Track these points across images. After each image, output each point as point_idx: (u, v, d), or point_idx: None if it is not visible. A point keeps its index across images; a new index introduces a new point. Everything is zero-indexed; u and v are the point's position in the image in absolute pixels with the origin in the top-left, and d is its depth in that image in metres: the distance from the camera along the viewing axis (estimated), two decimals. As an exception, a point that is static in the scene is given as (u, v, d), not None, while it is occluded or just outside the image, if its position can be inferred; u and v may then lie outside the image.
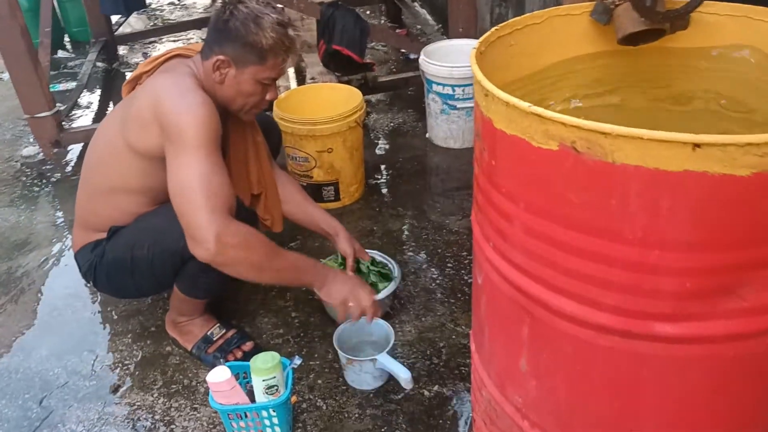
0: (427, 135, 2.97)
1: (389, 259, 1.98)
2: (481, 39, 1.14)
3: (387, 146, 2.92)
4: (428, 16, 4.57)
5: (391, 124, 3.12)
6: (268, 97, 1.63)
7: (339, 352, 1.65)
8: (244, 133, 1.79)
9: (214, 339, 1.82)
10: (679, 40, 1.27)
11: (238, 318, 1.97)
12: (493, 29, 1.18)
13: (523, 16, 1.23)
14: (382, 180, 2.67)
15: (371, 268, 1.93)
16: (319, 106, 2.44)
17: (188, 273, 1.64)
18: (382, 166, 2.76)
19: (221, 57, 1.53)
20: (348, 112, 2.30)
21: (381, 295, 1.82)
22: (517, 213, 1.00)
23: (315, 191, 2.43)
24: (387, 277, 1.92)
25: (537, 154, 0.91)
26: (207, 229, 1.37)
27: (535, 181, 0.94)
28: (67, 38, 4.63)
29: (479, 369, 1.31)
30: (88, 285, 2.07)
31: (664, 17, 1.19)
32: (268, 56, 1.54)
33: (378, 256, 1.99)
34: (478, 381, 1.33)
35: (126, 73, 4.09)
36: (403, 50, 3.87)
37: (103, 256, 1.65)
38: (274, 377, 1.46)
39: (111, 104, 3.76)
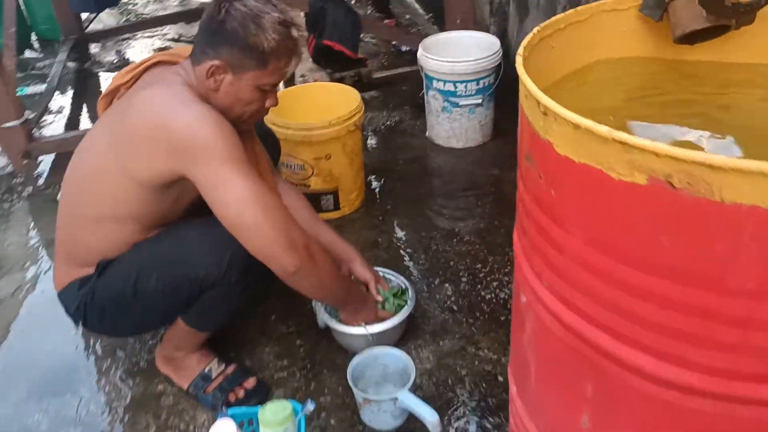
0: (426, 134, 2.79)
1: (400, 277, 1.81)
2: (524, 43, 0.98)
3: (385, 147, 2.74)
4: (417, 5, 4.37)
5: (388, 123, 2.94)
6: (267, 104, 1.45)
7: (354, 390, 1.48)
8: (243, 143, 1.60)
9: (213, 376, 1.64)
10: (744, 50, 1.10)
11: (236, 348, 1.79)
12: (535, 30, 1.01)
13: (564, 14, 1.07)
14: (383, 185, 2.49)
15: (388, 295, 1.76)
16: (314, 108, 2.25)
17: (204, 304, 1.47)
18: (382, 170, 2.58)
19: (216, 62, 1.34)
20: (347, 115, 2.11)
21: (395, 321, 1.65)
22: (584, 253, 0.84)
23: (312, 201, 2.23)
24: (399, 296, 1.76)
25: (617, 189, 0.74)
26: (295, 236, 1.31)
27: (613, 220, 0.78)
28: (34, 37, 4.36)
29: (523, 418, 1.15)
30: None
31: (732, 12, 1.02)
32: (269, 60, 1.35)
33: (389, 274, 1.82)
34: (522, 430, 1.18)
35: (99, 74, 3.85)
36: (394, 42, 3.68)
37: (94, 294, 1.46)
38: (286, 429, 1.29)
39: (84, 108, 3.53)
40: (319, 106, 2.25)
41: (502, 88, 2.60)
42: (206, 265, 1.38)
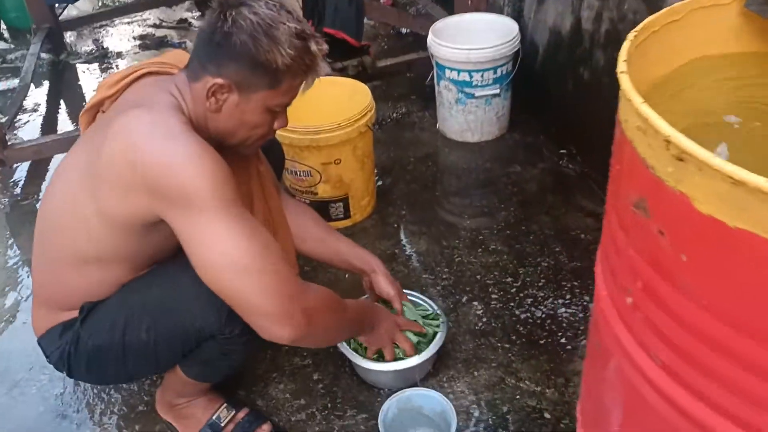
0: (437, 126, 2.58)
1: (428, 301, 1.61)
2: (622, 55, 0.76)
3: (394, 143, 2.53)
4: (414, -18, 4.11)
5: (394, 115, 2.72)
6: (276, 125, 1.23)
7: (388, 442, 1.30)
8: (246, 166, 1.38)
9: (222, 424, 1.45)
10: None
11: (246, 386, 1.59)
12: (631, 36, 0.80)
13: (658, 14, 0.85)
14: (395, 186, 2.28)
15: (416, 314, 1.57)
16: (320, 107, 2.02)
17: (203, 357, 1.28)
18: (392, 169, 2.37)
19: (219, 80, 1.11)
20: (357, 115, 1.89)
21: (427, 354, 1.46)
22: (719, 334, 0.65)
23: (321, 209, 2.04)
24: (429, 319, 1.57)
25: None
26: (289, 303, 1.09)
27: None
28: (3, 26, 4.05)
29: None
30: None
31: None
32: (283, 79, 1.13)
33: (415, 297, 1.62)
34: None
35: (76, 65, 3.58)
36: (393, 24, 3.44)
37: (79, 342, 1.25)
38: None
39: (63, 104, 3.27)
40: (325, 105, 2.02)
41: (517, 74, 2.39)
42: (203, 316, 1.18)
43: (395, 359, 1.47)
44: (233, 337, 1.22)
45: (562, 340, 1.63)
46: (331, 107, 1.99)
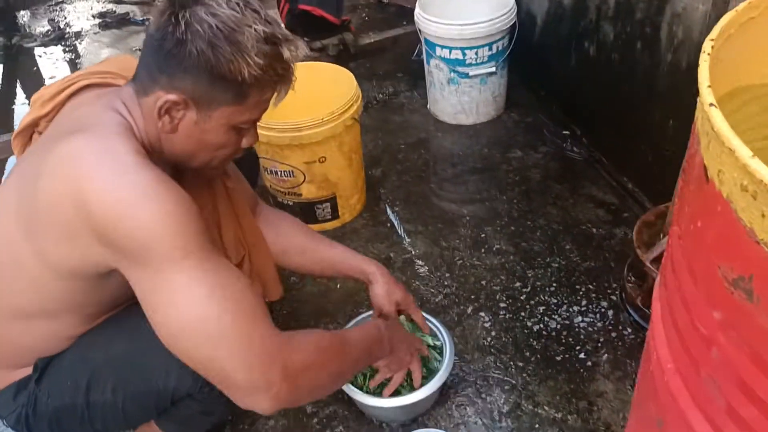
0: (428, 108, 2.37)
1: (432, 320, 1.44)
2: (704, 78, 0.58)
3: (382, 129, 2.32)
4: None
5: (380, 96, 2.50)
6: (244, 143, 1.03)
7: (397, 498, 1.14)
8: (211, 184, 1.18)
9: (207, 475, 1.29)
10: None
11: (231, 424, 1.42)
12: (708, 48, 0.61)
13: (732, 13, 0.66)
14: (386, 178, 2.09)
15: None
16: (298, 99, 1.81)
17: (181, 415, 1.12)
18: (382, 159, 2.17)
19: (172, 96, 0.90)
20: (342, 108, 1.69)
21: (435, 386, 1.30)
22: None
23: (306, 211, 1.85)
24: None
25: None
26: (267, 369, 0.89)
27: None
28: (-50, 6, 3.73)
29: None
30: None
31: None
32: (249, 92, 0.93)
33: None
34: None
35: (34, 50, 3.29)
36: (373, -8, 3.19)
37: (36, 404, 1.07)
38: None
39: (18, 91, 3.00)
40: (304, 96, 1.80)
41: (514, 49, 2.18)
42: (177, 374, 1.01)
43: (396, 392, 1.30)
44: (213, 396, 1.05)
45: (581, 356, 1.47)
46: (312, 99, 1.77)
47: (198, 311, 0.85)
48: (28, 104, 2.89)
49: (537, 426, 1.35)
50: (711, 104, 0.54)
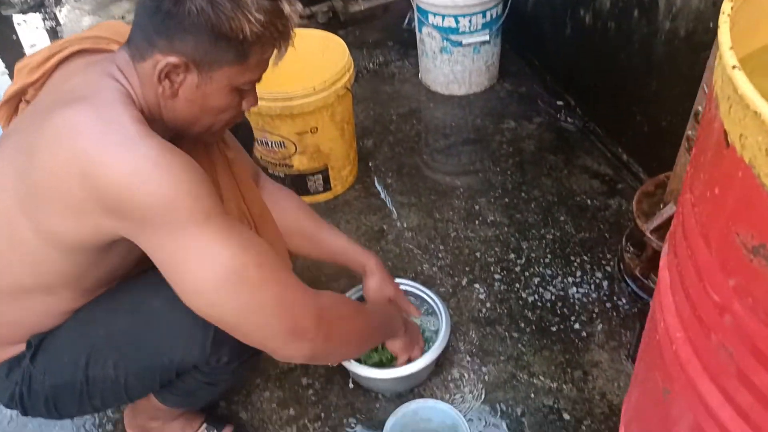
0: (420, 77, 2.33)
1: (424, 290, 1.43)
2: (725, 40, 0.56)
3: (373, 99, 2.28)
4: None
5: (371, 66, 2.45)
6: (245, 106, 1.00)
7: (396, 469, 1.14)
8: (209, 153, 1.15)
9: (203, 448, 1.28)
10: None
11: (227, 397, 1.41)
12: (726, 2, 0.59)
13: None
14: (377, 150, 2.06)
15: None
16: (289, 67, 1.76)
17: (185, 388, 1.10)
18: (373, 130, 2.14)
19: (172, 59, 0.87)
20: (334, 77, 1.65)
21: (432, 356, 1.29)
22: None
23: (298, 183, 1.82)
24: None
25: None
26: (301, 316, 0.93)
27: None
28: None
29: None
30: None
31: None
32: (251, 51, 0.90)
33: (409, 287, 1.44)
34: None
35: (10, 17, 3.18)
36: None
37: (31, 382, 1.05)
38: None
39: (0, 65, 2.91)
40: (295, 65, 1.76)
41: (507, 18, 2.14)
42: (183, 346, 0.98)
43: (384, 362, 1.30)
44: (220, 366, 1.04)
45: (576, 326, 1.47)
46: (303, 67, 1.73)
47: (226, 265, 0.85)
48: (9, 74, 2.82)
49: (533, 396, 1.35)
50: (734, 67, 0.52)
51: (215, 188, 1.17)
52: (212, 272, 0.84)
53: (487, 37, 2.10)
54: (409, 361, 1.28)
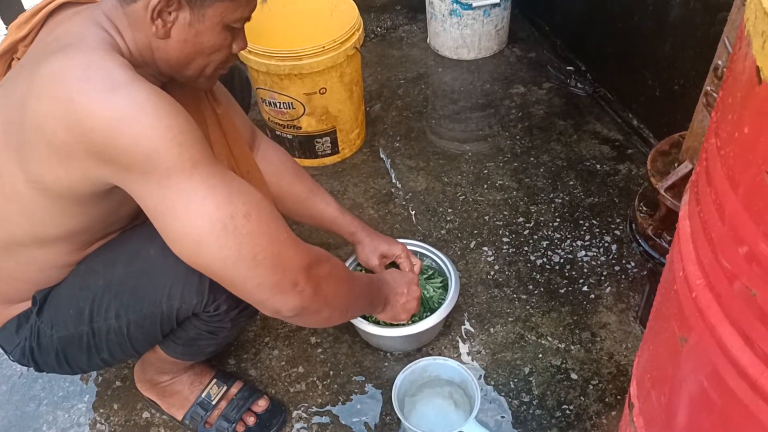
0: (428, 42, 2.31)
1: (434, 250, 1.43)
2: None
3: (381, 63, 2.26)
4: None
5: (378, 30, 2.42)
6: (235, 48, 0.99)
7: (404, 423, 1.15)
8: (198, 107, 1.13)
9: (214, 402, 1.29)
10: None
11: (236, 354, 1.42)
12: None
13: None
14: (385, 114, 2.04)
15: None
16: (298, 26, 1.75)
17: (186, 337, 1.11)
18: (381, 94, 2.12)
19: None
20: (344, 36, 1.63)
21: (440, 316, 1.30)
22: None
23: (306, 145, 1.81)
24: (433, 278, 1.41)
25: None
26: (290, 268, 0.91)
27: None
28: None
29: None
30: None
31: None
32: None
33: (419, 248, 1.44)
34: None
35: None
36: None
37: (40, 336, 1.05)
38: None
39: (-1, 24, 2.88)
40: (304, 24, 1.75)
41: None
42: (181, 294, 0.98)
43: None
44: (219, 314, 1.04)
45: (585, 288, 1.48)
46: (312, 26, 1.71)
47: (213, 211, 0.83)
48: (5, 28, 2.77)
49: (540, 356, 1.36)
50: (769, -2, 0.50)
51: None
52: (198, 221, 0.83)
53: (497, 0, 2.07)
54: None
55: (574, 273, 1.51)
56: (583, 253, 1.55)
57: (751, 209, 0.57)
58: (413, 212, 1.70)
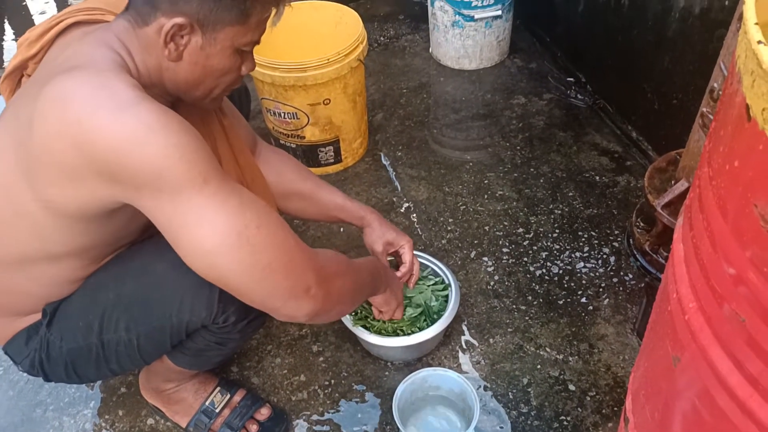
0: (430, 51, 2.33)
1: (434, 261, 1.45)
2: (751, 15, 0.57)
3: (383, 72, 2.28)
4: None
5: (381, 39, 2.45)
6: (244, 70, 1.01)
7: (405, 433, 1.18)
8: (207, 122, 1.16)
9: (217, 410, 1.31)
10: None
11: (239, 362, 1.45)
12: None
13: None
14: (387, 123, 2.07)
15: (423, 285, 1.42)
16: (302, 38, 1.78)
17: (194, 348, 1.13)
18: (384, 103, 2.14)
19: (179, 20, 0.88)
20: (348, 48, 1.65)
21: (441, 326, 1.32)
22: None
23: (309, 154, 1.84)
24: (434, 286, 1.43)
25: None
26: (302, 275, 0.93)
27: None
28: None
29: None
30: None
31: None
32: (253, 10, 0.91)
33: (421, 258, 1.46)
34: None
35: (18, -17, 3.17)
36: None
37: (50, 348, 1.08)
38: None
39: (5, 29, 2.90)
40: (308, 36, 1.78)
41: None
42: (191, 307, 1.01)
43: (398, 332, 1.33)
44: (228, 325, 1.06)
45: (583, 300, 1.50)
46: (317, 38, 1.74)
47: (225, 225, 0.85)
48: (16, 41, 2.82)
49: (539, 367, 1.38)
50: (759, 42, 0.53)
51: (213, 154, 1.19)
52: (211, 234, 0.85)
53: (499, 12, 2.09)
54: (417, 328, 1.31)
55: (572, 284, 1.53)
56: (582, 264, 1.58)
57: (740, 238, 0.59)
58: (415, 221, 1.72)
